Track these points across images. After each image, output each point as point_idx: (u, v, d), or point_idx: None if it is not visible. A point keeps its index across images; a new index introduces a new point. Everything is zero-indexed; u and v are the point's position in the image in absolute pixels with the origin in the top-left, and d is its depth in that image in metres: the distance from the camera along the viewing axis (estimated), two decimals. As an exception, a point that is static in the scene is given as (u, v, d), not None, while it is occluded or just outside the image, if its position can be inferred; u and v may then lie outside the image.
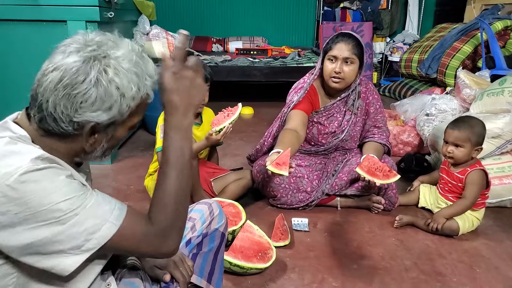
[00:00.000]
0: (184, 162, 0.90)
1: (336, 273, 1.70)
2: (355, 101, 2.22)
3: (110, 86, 0.81)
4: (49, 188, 0.75)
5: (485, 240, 1.97)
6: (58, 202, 0.76)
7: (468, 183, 1.97)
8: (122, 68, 0.83)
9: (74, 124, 0.82)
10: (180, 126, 0.89)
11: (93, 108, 0.81)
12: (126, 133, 0.95)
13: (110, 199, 0.85)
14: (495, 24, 3.89)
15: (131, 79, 0.84)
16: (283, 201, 2.18)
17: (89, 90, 0.80)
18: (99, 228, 0.80)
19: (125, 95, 0.83)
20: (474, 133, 1.94)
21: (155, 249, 0.88)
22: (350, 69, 2.07)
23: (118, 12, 2.87)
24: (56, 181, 0.77)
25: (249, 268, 1.62)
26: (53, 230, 0.76)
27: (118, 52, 0.84)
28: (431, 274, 1.70)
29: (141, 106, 0.90)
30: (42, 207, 0.74)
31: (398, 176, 1.98)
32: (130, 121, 0.91)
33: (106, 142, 0.91)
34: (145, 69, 0.88)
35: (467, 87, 2.81)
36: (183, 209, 0.91)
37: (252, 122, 4.13)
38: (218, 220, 1.26)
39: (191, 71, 0.88)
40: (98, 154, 0.93)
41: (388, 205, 2.19)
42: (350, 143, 2.30)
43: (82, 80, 0.79)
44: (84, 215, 0.79)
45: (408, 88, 4.81)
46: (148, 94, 0.89)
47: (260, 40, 6.14)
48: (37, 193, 0.74)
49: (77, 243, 0.78)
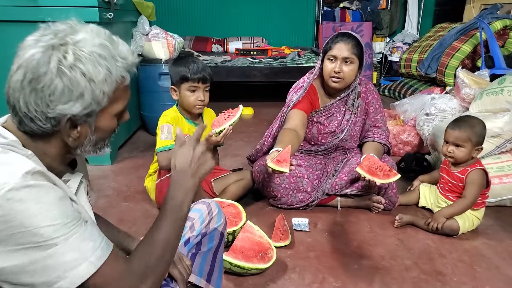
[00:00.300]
0: (181, 216, 0.92)
1: (337, 273, 1.70)
2: (355, 101, 2.22)
3: (73, 73, 0.77)
4: (33, 209, 0.71)
5: (486, 240, 1.98)
6: (41, 227, 0.71)
7: (468, 183, 1.97)
8: (84, 52, 0.78)
9: (50, 120, 0.80)
10: (185, 185, 0.92)
11: (64, 100, 0.78)
12: (114, 124, 0.91)
13: (98, 236, 0.81)
14: (494, 23, 3.89)
15: (98, 63, 0.79)
16: (284, 201, 2.18)
17: (54, 81, 0.76)
18: (78, 265, 0.75)
19: (94, 80, 0.79)
20: (474, 133, 1.94)
21: None
22: (350, 69, 2.07)
23: (118, 13, 2.87)
24: (43, 203, 0.73)
25: (249, 269, 1.62)
26: (29, 256, 0.71)
27: (77, 37, 0.80)
28: (431, 274, 1.70)
29: (120, 91, 0.86)
30: (23, 228, 0.70)
31: (398, 175, 1.98)
32: (112, 109, 0.87)
33: (92, 134, 0.87)
34: (114, 51, 0.83)
35: (467, 86, 2.81)
36: (167, 258, 0.90)
37: (252, 122, 4.13)
38: (217, 220, 1.25)
39: (203, 149, 0.95)
40: (88, 149, 0.89)
41: (388, 204, 2.20)
42: (350, 142, 2.30)
43: (44, 71, 0.76)
44: (65, 247, 0.74)
45: (407, 87, 4.81)
46: (124, 76, 0.85)
47: (260, 40, 6.14)
48: (20, 213, 0.70)
49: (49, 278, 0.73)
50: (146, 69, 3.42)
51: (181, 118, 2.14)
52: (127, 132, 3.39)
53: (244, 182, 2.28)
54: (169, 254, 0.91)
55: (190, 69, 2.05)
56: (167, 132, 2.03)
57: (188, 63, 2.07)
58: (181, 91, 2.08)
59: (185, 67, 2.05)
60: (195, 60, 2.11)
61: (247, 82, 4.88)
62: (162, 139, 2.02)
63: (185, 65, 2.06)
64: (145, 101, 3.55)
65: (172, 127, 2.05)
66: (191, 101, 2.08)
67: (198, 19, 6.37)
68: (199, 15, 6.36)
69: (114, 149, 2.97)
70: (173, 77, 2.11)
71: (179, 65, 2.08)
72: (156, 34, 3.45)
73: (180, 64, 2.09)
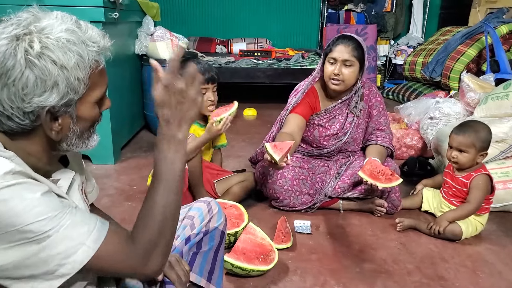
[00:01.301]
0: (175, 176, 0.84)
1: (339, 276, 1.70)
2: (357, 103, 2.21)
3: (43, 62, 0.74)
4: (19, 208, 0.70)
5: (489, 245, 1.97)
6: (29, 224, 0.70)
7: (472, 188, 1.96)
8: (51, 39, 0.75)
9: (29, 115, 0.77)
10: (173, 138, 0.83)
11: (38, 92, 0.75)
12: (96, 112, 0.87)
13: (90, 219, 0.79)
14: (500, 27, 3.87)
15: (67, 48, 0.76)
16: (286, 203, 2.18)
17: (24, 73, 0.73)
18: (74, 252, 0.74)
19: (66, 67, 0.76)
20: (478, 139, 1.93)
21: (137, 270, 0.82)
22: (350, 71, 2.07)
23: (123, 13, 2.88)
24: (27, 200, 0.71)
25: (251, 270, 1.61)
26: (24, 252, 0.71)
27: (41, 24, 0.77)
28: (433, 278, 1.70)
29: (95, 77, 0.82)
30: (11, 227, 0.69)
31: (401, 180, 1.98)
32: (91, 96, 0.83)
33: (74, 125, 0.83)
34: (83, 35, 0.80)
35: (471, 90, 2.80)
36: (169, 226, 0.85)
37: (255, 123, 4.13)
38: (217, 218, 1.25)
39: (183, 84, 0.83)
40: (75, 141, 0.86)
41: (391, 208, 2.19)
42: (353, 145, 2.30)
43: (12, 64, 0.73)
44: (57, 237, 0.72)
45: (412, 91, 4.80)
46: (97, 61, 0.82)
47: (264, 41, 6.14)
48: (6, 214, 0.69)
49: (49, 268, 0.73)
50: (150, 69, 3.36)
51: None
52: (131, 132, 3.39)
53: (246, 183, 2.28)
54: (171, 222, 0.85)
55: (198, 70, 2.04)
56: None
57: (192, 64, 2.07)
58: None
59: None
60: (200, 61, 2.10)
61: (251, 84, 4.88)
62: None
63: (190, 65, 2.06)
64: (149, 101, 3.56)
65: None
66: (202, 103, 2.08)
67: (202, 20, 6.38)
68: (203, 16, 6.36)
69: (118, 148, 2.97)
70: None
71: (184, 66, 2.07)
72: (161, 34, 3.46)
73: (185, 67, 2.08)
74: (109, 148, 2.80)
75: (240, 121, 4.17)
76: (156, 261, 0.83)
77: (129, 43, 3.32)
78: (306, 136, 2.28)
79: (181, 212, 1.25)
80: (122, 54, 3.10)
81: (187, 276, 1.10)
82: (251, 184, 2.30)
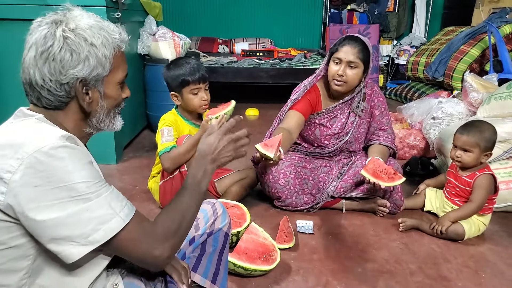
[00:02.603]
0: (199, 192, 1.01)
1: (341, 276, 1.69)
2: (359, 103, 2.21)
3: (77, 38, 0.89)
4: (71, 167, 0.80)
5: (491, 245, 1.96)
6: (77, 182, 0.80)
7: (476, 187, 1.96)
8: (83, 22, 0.91)
9: (64, 87, 0.90)
10: (205, 167, 1.01)
11: (73, 64, 0.89)
12: (119, 93, 1.02)
13: (123, 198, 0.90)
14: (503, 27, 3.86)
15: (96, 29, 0.92)
16: (288, 202, 2.18)
17: (62, 48, 0.88)
18: (109, 220, 0.83)
19: (95, 45, 0.91)
20: (483, 139, 1.92)
21: (150, 252, 0.90)
22: (353, 73, 2.06)
23: (125, 12, 2.88)
24: (78, 163, 0.82)
25: (253, 270, 1.61)
26: (67, 210, 0.79)
27: (74, 13, 0.94)
28: (436, 279, 1.69)
29: (118, 59, 0.97)
30: (61, 183, 0.79)
31: (403, 178, 1.97)
32: (115, 76, 0.98)
33: (102, 100, 0.97)
34: (107, 27, 0.95)
35: (474, 90, 2.79)
36: (185, 227, 0.98)
37: (258, 123, 4.13)
38: (221, 220, 1.26)
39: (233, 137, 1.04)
40: (103, 117, 1.00)
41: (393, 208, 2.18)
42: (355, 145, 2.30)
43: (52, 43, 0.88)
44: (97, 203, 0.82)
45: (414, 91, 4.79)
46: (119, 45, 0.97)
47: (267, 41, 6.14)
48: (60, 169, 0.79)
49: (85, 230, 0.81)
50: (153, 69, 3.43)
51: (181, 121, 2.14)
52: (133, 132, 3.40)
53: (247, 181, 2.28)
54: (188, 221, 0.99)
55: (189, 71, 2.04)
56: (168, 134, 2.03)
57: (183, 66, 2.07)
58: (184, 95, 2.08)
59: (183, 71, 2.05)
60: (189, 61, 2.11)
61: (253, 83, 4.88)
62: (163, 142, 2.02)
63: (181, 68, 2.06)
64: (151, 101, 3.56)
65: (172, 129, 2.05)
66: (196, 103, 2.08)
67: (205, 19, 6.38)
68: (206, 16, 6.37)
69: (120, 148, 2.97)
70: (171, 83, 2.09)
71: (175, 69, 2.07)
72: (163, 34, 3.46)
73: (175, 68, 2.08)
74: (111, 148, 2.80)
75: (243, 121, 4.12)
76: (167, 250, 0.92)
77: (131, 43, 3.31)
78: (307, 135, 2.28)
79: None
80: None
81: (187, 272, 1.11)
82: (252, 181, 2.31)
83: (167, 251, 0.92)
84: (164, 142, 2.01)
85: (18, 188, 0.78)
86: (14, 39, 2.54)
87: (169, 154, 1.99)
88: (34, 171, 0.78)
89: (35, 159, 0.78)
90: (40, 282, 0.87)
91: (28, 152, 0.78)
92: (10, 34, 2.53)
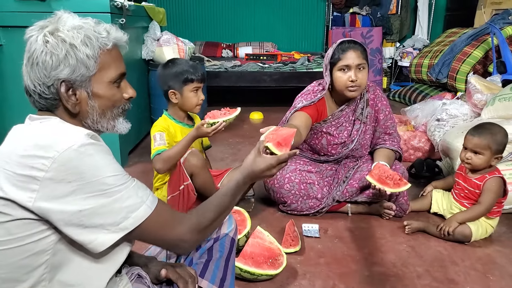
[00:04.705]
0: (235, 198, 1.10)
1: (347, 280, 1.69)
2: (363, 110, 2.20)
3: (56, 40, 0.90)
4: (100, 162, 0.86)
5: (499, 247, 1.95)
6: (107, 176, 0.85)
7: (485, 189, 1.94)
8: (67, 25, 0.92)
9: (51, 89, 0.92)
10: (248, 179, 1.10)
11: (53, 65, 0.90)
12: (114, 92, 1.00)
13: (146, 188, 0.96)
14: (506, 29, 3.86)
15: (76, 31, 0.92)
16: (293, 207, 2.18)
17: (42, 51, 0.90)
18: (137, 208, 0.89)
19: (74, 44, 0.91)
20: (495, 141, 1.90)
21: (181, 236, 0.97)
22: (363, 74, 2.04)
23: (130, 18, 2.90)
24: (106, 158, 0.88)
25: (259, 275, 1.61)
26: (98, 202, 0.84)
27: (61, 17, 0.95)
28: (443, 282, 1.69)
29: (107, 57, 0.96)
30: (93, 178, 0.84)
31: (409, 185, 1.96)
32: (104, 75, 0.97)
33: (91, 100, 0.97)
34: (96, 26, 0.96)
35: (478, 92, 2.79)
36: (216, 224, 1.08)
37: (262, 127, 4.11)
38: (227, 225, 1.26)
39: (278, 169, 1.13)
40: (97, 118, 0.99)
41: (399, 211, 2.18)
42: (361, 151, 2.29)
43: (35, 48, 0.91)
44: (126, 193, 0.88)
45: (418, 93, 4.78)
46: (106, 43, 0.96)
47: (270, 45, 6.16)
48: (91, 165, 0.84)
49: (116, 219, 0.87)
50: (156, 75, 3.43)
51: (172, 124, 2.11)
52: (138, 137, 3.41)
53: None
54: (218, 222, 1.09)
55: (192, 69, 2.05)
56: (160, 139, 2.02)
57: (183, 64, 2.08)
58: (184, 93, 2.06)
59: (186, 68, 2.05)
60: (187, 61, 2.12)
61: (257, 87, 4.89)
62: (155, 146, 2.01)
63: (183, 66, 2.06)
64: (155, 106, 3.57)
65: (165, 134, 2.04)
66: (195, 102, 2.08)
67: (208, 24, 6.41)
68: (209, 21, 6.40)
69: (125, 153, 2.98)
70: (171, 80, 2.05)
71: (175, 67, 2.06)
72: (167, 39, 3.48)
73: (175, 66, 2.07)
74: (116, 153, 2.81)
75: (246, 125, 4.17)
76: (196, 236, 1.01)
77: (135, 48, 3.35)
78: (314, 144, 2.26)
79: None
80: (128, 59, 3.10)
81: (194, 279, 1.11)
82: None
83: (195, 237, 1.00)
84: (156, 146, 2.01)
85: (53, 185, 0.82)
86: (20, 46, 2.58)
87: (161, 155, 1.97)
88: (66, 168, 0.82)
89: (67, 157, 0.82)
90: (60, 278, 0.89)
91: (59, 151, 0.82)
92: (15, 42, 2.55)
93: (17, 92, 2.64)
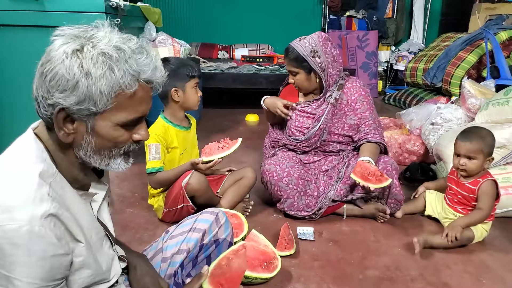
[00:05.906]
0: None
1: (341, 283, 1.69)
2: (333, 93, 2.25)
3: (72, 61, 0.77)
4: (21, 260, 0.72)
5: (491, 251, 1.96)
6: (18, 278, 0.73)
7: (482, 194, 1.95)
8: (95, 47, 0.78)
9: (50, 107, 0.80)
10: None
11: (60, 88, 0.77)
12: (118, 134, 0.87)
13: None
14: (500, 34, 3.89)
15: (101, 60, 0.78)
16: (290, 203, 2.16)
17: (56, 67, 0.77)
18: None
19: (91, 75, 0.77)
20: (486, 144, 1.93)
21: None
22: (296, 78, 2.24)
23: (125, 19, 2.89)
24: (33, 256, 0.73)
25: (254, 278, 1.61)
26: None
27: (95, 34, 0.81)
28: (437, 285, 1.69)
29: (124, 99, 0.82)
30: (3, 270, 0.72)
31: (390, 180, 2.00)
32: (114, 116, 0.83)
33: (88, 135, 0.83)
34: (131, 57, 0.81)
35: (472, 96, 2.81)
36: None
37: (258, 129, 4.13)
38: (224, 229, 1.27)
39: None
40: (90, 154, 0.85)
41: (394, 203, 2.19)
42: (330, 138, 2.29)
43: (51, 57, 0.78)
44: None
45: (413, 97, 4.81)
46: (130, 84, 0.81)
47: (266, 47, 6.16)
48: (8, 257, 0.72)
49: None
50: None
51: (168, 127, 2.08)
52: (132, 138, 3.39)
53: (245, 181, 2.26)
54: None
55: (192, 65, 2.06)
56: (155, 152, 2.00)
57: (181, 60, 2.10)
58: (187, 90, 2.04)
59: (187, 63, 2.06)
60: (179, 58, 2.14)
61: (253, 89, 4.89)
62: (150, 159, 2.00)
63: (183, 62, 2.08)
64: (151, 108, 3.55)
65: (160, 146, 2.01)
66: (196, 98, 2.09)
67: (204, 25, 6.40)
68: (205, 22, 6.39)
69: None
70: (173, 78, 1.97)
71: (175, 63, 2.04)
72: (163, 40, 3.47)
73: (174, 63, 2.05)
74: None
75: (242, 127, 4.17)
76: None
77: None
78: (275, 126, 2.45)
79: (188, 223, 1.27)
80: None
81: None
82: (250, 180, 2.27)
83: None
84: (151, 159, 2.00)
85: None
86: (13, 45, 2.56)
87: (156, 177, 2.00)
88: None
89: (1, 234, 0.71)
90: None
91: None
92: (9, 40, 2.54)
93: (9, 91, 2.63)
